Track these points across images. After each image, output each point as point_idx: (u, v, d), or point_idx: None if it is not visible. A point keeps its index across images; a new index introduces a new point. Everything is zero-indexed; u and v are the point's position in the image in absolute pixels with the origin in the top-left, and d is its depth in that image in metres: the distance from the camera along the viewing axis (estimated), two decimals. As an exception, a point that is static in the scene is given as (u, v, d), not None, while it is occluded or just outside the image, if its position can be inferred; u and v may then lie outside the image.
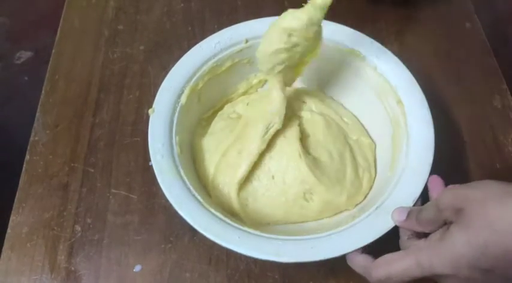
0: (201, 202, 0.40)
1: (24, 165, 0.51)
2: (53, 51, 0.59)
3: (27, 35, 1.02)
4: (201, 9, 0.63)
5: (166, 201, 0.47)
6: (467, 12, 0.62)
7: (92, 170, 0.50)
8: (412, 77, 0.45)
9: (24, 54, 0.99)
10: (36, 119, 0.54)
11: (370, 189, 0.46)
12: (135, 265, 0.45)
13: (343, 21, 0.50)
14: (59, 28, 0.62)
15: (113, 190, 0.49)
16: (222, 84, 0.50)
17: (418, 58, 0.57)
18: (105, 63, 0.58)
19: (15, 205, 0.48)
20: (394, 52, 0.47)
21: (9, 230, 0.47)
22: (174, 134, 0.43)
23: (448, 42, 0.59)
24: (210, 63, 0.47)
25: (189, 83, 0.46)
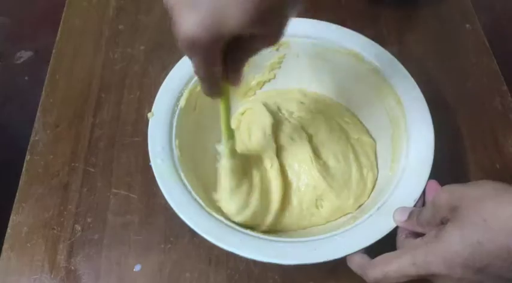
0: (202, 206, 0.39)
1: (24, 165, 0.51)
2: (53, 51, 0.59)
3: (27, 35, 1.02)
4: (201, 9, 0.63)
5: (167, 201, 0.47)
6: (467, 12, 0.62)
7: (92, 170, 0.50)
8: (411, 77, 0.46)
9: (24, 54, 0.99)
10: (36, 118, 0.54)
11: (373, 188, 0.46)
12: (135, 265, 0.45)
13: (343, 21, 0.50)
14: (60, 28, 0.61)
15: (113, 190, 0.49)
16: None
17: (418, 58, 0.57)
18: (106, 63, 0.58)
19: (15, 205, 0.48)
20: (394, 52, 0.47)
21: (9, 230, 0.47)
22: (173, 137, 0.43)
23: (448, 42, 0.59)
24: None
25: (187, 85, 0.46)
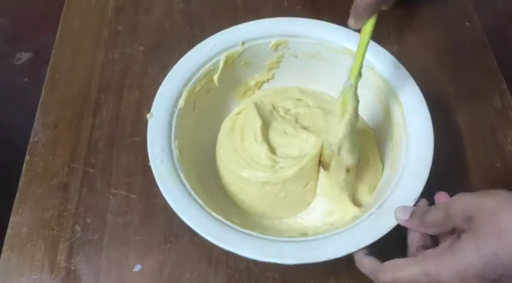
0: (201, 206, 0.39)
1: (24, 166, 0.51)
2: (53, 51, 0.59)
3: (27, 35, 1.02)
4: (201, 9, 0.63)
5: (166, 201, 0.47)
6: (467, 11, 0.62)
7: (92, 170, 0.50)
8: (410, 77, 0.45)
9: (24, 55, 1.00)
10: (36, 119, 0.54)
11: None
12: (135, 265, 0.45)
13: (343, 21, 0.50)
14: (59, 28, 0.62)
15: (112, 190, 0.49)
16: None
17: (418, 58, 0.57)
18: (105, 64, 0.58)
19: (15, 206, 0.48)
20: (394, 52, 0.47)
21: (9, 230, 0.47)
22: (173, 138, 0.43)
23: (448, 41, 0.59)
24: (207, 66, 0.47)
25: (186, 86, 0.46)
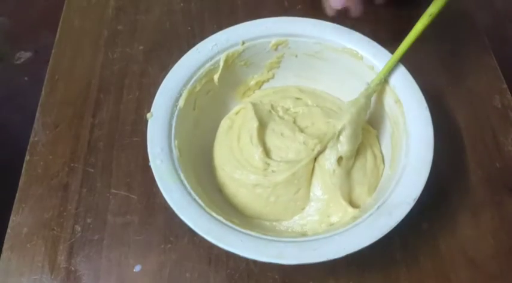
0: (202, 206, 0.39)
1: (24, 166, 0.51)
2: (53, 51, 0.59)
3: (27, 35, 1.02)
4: (200, 9, 0.63)
5: (167, 201, 0.47)
6: (467, 10, 0.62)
7: (92, 170, 0.50)
8: (410, 76, 0.45)
9: (24, 55, 1.00)
10: (36, 119, 0.54)
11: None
12: (135, 265, 0.45)
13: (343, 21, 0.50)
14: (59, 28, 0.61)
15: (112, 190, 0.49)
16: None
17: (417, 58, 0.57)
18: (105, 63, 0.58)
19: (15, 206, 0.48)
20: (393, 52, 0.47)
21: (9, 230, 0.47)
22: (173, 137, 0.43)
23: (447, 41, 0.59)
24: (207, 65, 0.47)
25: (186, 86, 0.46)
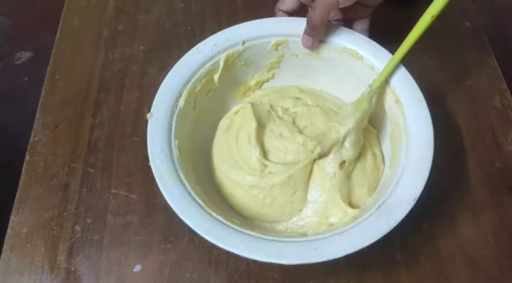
0: (202, 206, 0.39)
1: (24, 166, 0.51)
2: (53, 51, 0.59)
3: (27, 35, 1.02)
4: (200, 9, 0.63)
5: (167, 201, 0.47)
6: (467, 10, 0.62)
7: (92, 170, 0.50)
8: (410, 76, 0.45)
9: (24, 55, 1.00)
10: (36, 119, 0.54)
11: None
12: (135, 265, 0.45)
13: (342, 21, 0.50)
14: (59, 28, 0.61)
15: (112, 190, 0.49)
16: None
17: (417, 58, 0.57)
18: (105, 63, 0.58)
19: (15, 206, 0.48)
20: (393, 52, 0.47)
21: (9, 230, 0.47)
22: (173, 138, 0.43)
23: (447, 41, 0.59)
24: (207, 65, 0.47)
25: (186, 86, 0.46)
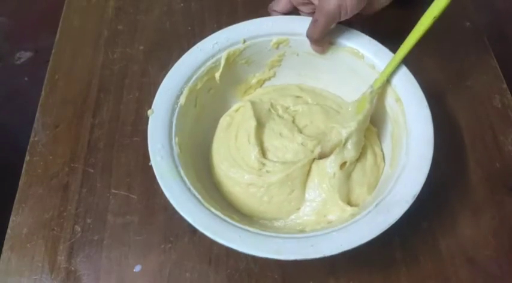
0: (201, 202, 0.39)
1: (24, 166, 0.51)
2: (53, 51, 0.59)
3: (27, 35, 1.02)
4: (200, 9, 0.63)
5: (166, 201, 0.47)
6: (467, 10, 0.62)
7: (92, 170, 0.50)
8: (411, 75, 0.45)
9: (24, 55, 1.00)
10: (36, 119, 0.54)
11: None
12: (135, 265, 0.45)
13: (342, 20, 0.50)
14: (59, 28, 0.61)
15: (112, 190, 0.49)
16: None
17: (418, 58, 0.57)
18: (105, 63, 0.58)
19: (15, 206, 0.48)
20: (394, 52, 0.47)
21: (9, 230, 0.47)
22: (173, 134, 0.43)
23: (447, 40, 0.59)
24: (208, 63, 0.47)
25: (187, 83, 0.46)
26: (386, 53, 0.47)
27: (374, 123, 0.50)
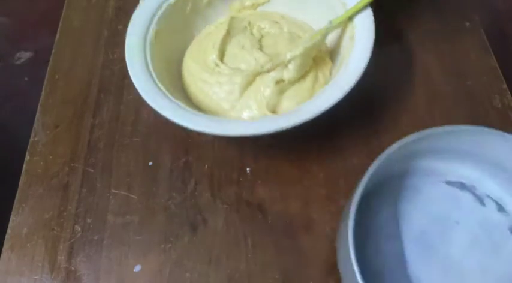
0: (155, 81, 0.45)
1: (24, 166, 0.51)
2: (53, 51, 0.59)
3: (27, 35, 1.02)
4: (200, 9, 0.63)
5: (167, 201, 0.47)
6: (467, 10, 0.62)
7: (92, 170, 0.50)
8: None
9: (24, 55, 0.99)
10: (36, 119, 0.54)
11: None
12: (135, 265, 0.45)
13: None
14: (59, 28, 0.62)
15: (112, 190, 0.49)
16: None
17: (418, 57, 0.57)
18: (105, 64, 0.58)
19: (15, 206, 0.48)
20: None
21: (9, 230, 0.47)
22: (155, 22, 0.49)
23: (447, 40, 0.59)
24: None
25: None
26: None
27: (332, 59, 0.52)
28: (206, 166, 0.50)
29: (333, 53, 0.52)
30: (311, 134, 0.48)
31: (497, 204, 0.43)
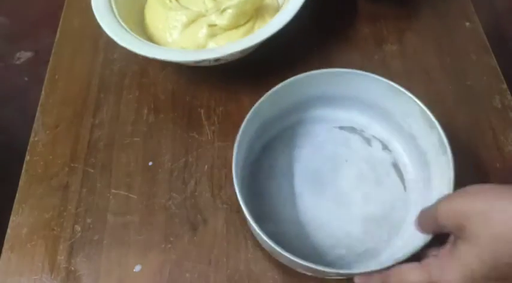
0: (115, 14, 0.51)
1: (24, 166, 0.51)
2: (53, 51, 0.59)
3: (27, 35, 1.02)
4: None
5: (167, 200, 0.47)
6: (467, 11, 0.62)
7: (92, 170, 0.50)
8: None
9: (24, 55, 0.99)
10: (36, 119, 0.54)
11: None
12: (135, 265, 0.45)
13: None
14: (59, 28, 0.62)
15: (112, 190, 0.49)
16: None
17: (418, 57, 0.57)
18: (105, 63, 0.58)
19: (15, 206, 0.48)
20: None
21: (9, 230, 0.47)
22: None
23: (447, 40, 0.59)
24: None
25: None
26: None
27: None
28: (206, 166, 0.50)
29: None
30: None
31: (383, 143, 0.49)
